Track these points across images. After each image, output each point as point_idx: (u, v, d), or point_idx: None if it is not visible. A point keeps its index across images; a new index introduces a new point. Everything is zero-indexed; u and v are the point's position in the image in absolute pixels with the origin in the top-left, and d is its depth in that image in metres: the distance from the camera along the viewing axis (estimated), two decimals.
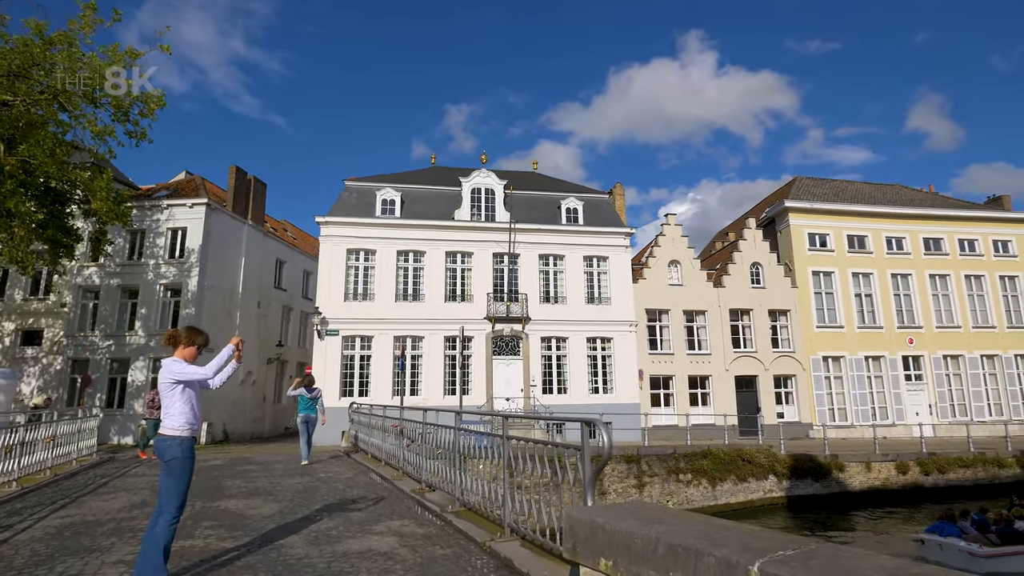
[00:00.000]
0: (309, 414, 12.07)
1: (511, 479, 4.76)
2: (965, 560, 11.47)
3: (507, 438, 4.90)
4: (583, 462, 3.64)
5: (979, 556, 11.47)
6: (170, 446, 3.95)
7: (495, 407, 22.97)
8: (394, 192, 24.45)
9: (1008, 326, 27.48)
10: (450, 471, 6.37)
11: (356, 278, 23.36)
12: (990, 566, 11.41)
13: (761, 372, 25.47)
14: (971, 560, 11.44)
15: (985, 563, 11.41)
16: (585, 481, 3.58)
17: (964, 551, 11.64)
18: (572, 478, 3.94)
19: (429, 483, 7.14)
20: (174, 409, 4.02)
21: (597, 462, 3.62)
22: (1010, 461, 19.85)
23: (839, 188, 30.38)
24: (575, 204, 25.75)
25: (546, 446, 4.31)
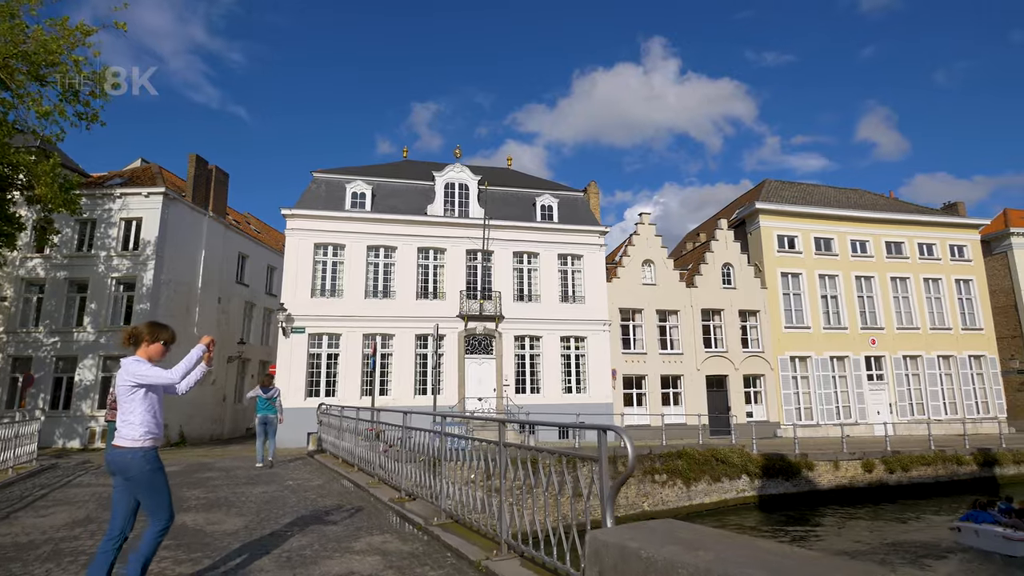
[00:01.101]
0: (267, 415, 11.47)
1: (508, 490, 4.33)
2: (1001, 544, 12.45)
3: (504, 445, 4.47)
4: (600, 474, 3.25)
5: (1015, 540, 12.36)
6: (132, 460, 3.42)
7: (467, 408, 22.48)
8: (365, 185, 23.66)
9: (962, 328, 28.45)
10: (434, 479, 5.90)
11: (324, 274, 22.51)
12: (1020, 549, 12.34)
13: (731, 372, 25.69)
14: (1007, 544, 12.39)
15: (1021, 546, 12.34)
16: (603, 497, 3.18)
17: (1000, 536, 12.53)
18: (586, 491, 3.54)
19: (409, 492, 6.64)
20: (134, 416, 3.49)
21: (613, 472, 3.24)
22: (968, 459, 20.44)
23: (806, 191, 30.95)
24: (550, 201, 25.45)
25: (553, 455, 3.89)
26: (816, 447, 20.62)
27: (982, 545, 12.82)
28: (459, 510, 5.24)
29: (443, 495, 5.50)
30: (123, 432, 3.46)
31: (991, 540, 12.67)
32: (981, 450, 20.79)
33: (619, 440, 3.15)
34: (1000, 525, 12.87)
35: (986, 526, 12.95)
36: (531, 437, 18.38)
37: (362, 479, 8.36)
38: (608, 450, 3.36)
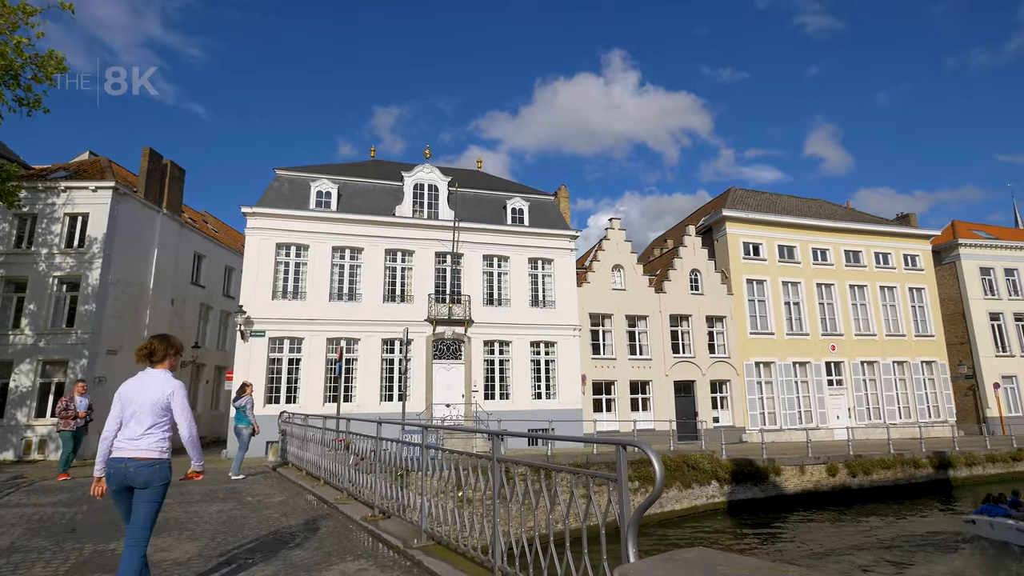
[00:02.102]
0: (236, 424, 10.81)
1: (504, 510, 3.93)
2: (1015, 535, 13.43)
3: (498, 460, 4.06)
4: (620, 496, 2.88)
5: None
6: (159, 472, 3.65)
7: (434, 414, 21.91)
8: (330, 184, 22.86)
9: (915, 334, 29.47)
10: (413, 495, 5.43)
11: (286, 275, 21.59)
12: None
13: (699, 377, 25.87)
14: (1020, 535, 13.36)
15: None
16: (624, 522, 2.82)
17: (1013, 528, 13.50)
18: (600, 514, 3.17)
19: (383, 509, 6.15)
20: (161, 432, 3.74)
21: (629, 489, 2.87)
22: (924, 462, 21.03)
23: (770, 200, 31.60)
24: (521, 205, 25.16)
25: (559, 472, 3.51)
26: (781, 452, 20.87)
27: (997, 536, 13.78)
28: (443, 531, 4.79)
29: (424, 513, 5.04)
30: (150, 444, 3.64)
31: (1005, 531, 13.65)
32: (936, 453, 21.44)
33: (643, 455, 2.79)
34: (1011, 518, 13.79)
35: (999, 519, 13.89)
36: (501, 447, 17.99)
37: (329, 494, 7.78)
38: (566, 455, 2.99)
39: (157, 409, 3.67)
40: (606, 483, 3.45)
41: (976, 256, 31.69)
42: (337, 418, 10.58)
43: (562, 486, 3.63)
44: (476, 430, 4.77)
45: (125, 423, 3.66)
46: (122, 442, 3.61)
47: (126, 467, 3.54)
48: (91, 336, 19.19)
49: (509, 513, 3.90)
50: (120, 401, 3.71)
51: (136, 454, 3.57)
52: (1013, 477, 22.11)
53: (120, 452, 3.59)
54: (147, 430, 3.63)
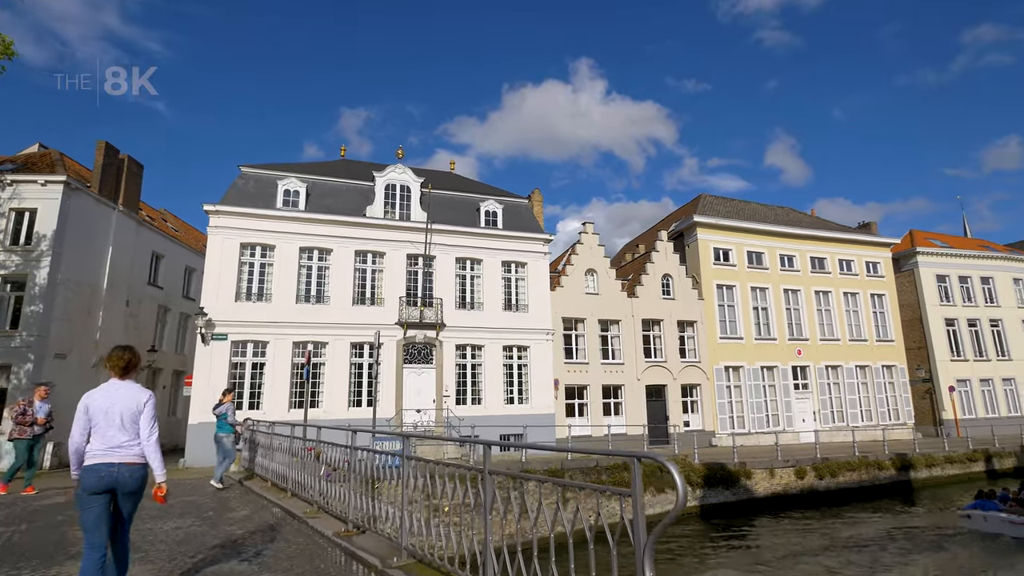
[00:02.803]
0: (217, 433, 10.45)
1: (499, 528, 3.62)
2: (1007, 527, 14.42)
3: (490, 473, 3.75)
4: (636, 515, 2.62)
5: (1018, 523, 14.33)
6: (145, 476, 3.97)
7: (404, 420, 21.39)
8: (299, 183, 22.15)
9: (876, 339, 30.31)
10: (390, 509, 5.07)
11: (250, 276, 20.78)
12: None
13: (670, 382, 25.99)
14: (1012, 527, 14.34)
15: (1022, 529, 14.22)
16: (640, 545, 2.55)
17: (1006, 520, 14.51)
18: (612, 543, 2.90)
19: (358, 524, 5.74)
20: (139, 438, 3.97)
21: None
22: (887, 464, 21.54)
23: (738, 207, 32.13)
24: (495, 207, 24.88)
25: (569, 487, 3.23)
26: (751, 455, 21.07)
27: (990, 529, 14.74)
28: (425, 547, 4.44)
29: (404, 529, 4.68)
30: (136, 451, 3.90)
31: (998, 524, 14.61)
32: (899, 455, 21.99)
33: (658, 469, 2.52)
34: (1003, 511, 14.81)
35: (992, 512, 14.87)
36: (473, 453, 17.60)
37: (298, 507, 7.31)
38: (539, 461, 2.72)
39: (137, 417, 3.93)
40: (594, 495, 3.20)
41: (933, 264, 32.86)
42: (305, 425, 10.07)
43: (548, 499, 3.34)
44: (466, 440, 4.44)
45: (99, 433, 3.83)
46: (107, 449, 3.81)
47: (119, 471, 3.77)
48: (37, 339, 18.05)
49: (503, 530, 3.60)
50: (89, 412, 3.86)
51: (128, 459, 3.83)
52: (970, 477, 22.89)
53: (110, 458, 3.79)
54: (132, 438, 3.88)
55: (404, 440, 4.99)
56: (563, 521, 3.31)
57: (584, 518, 3.21)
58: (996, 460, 23.80)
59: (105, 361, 4.16)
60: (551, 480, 3.37)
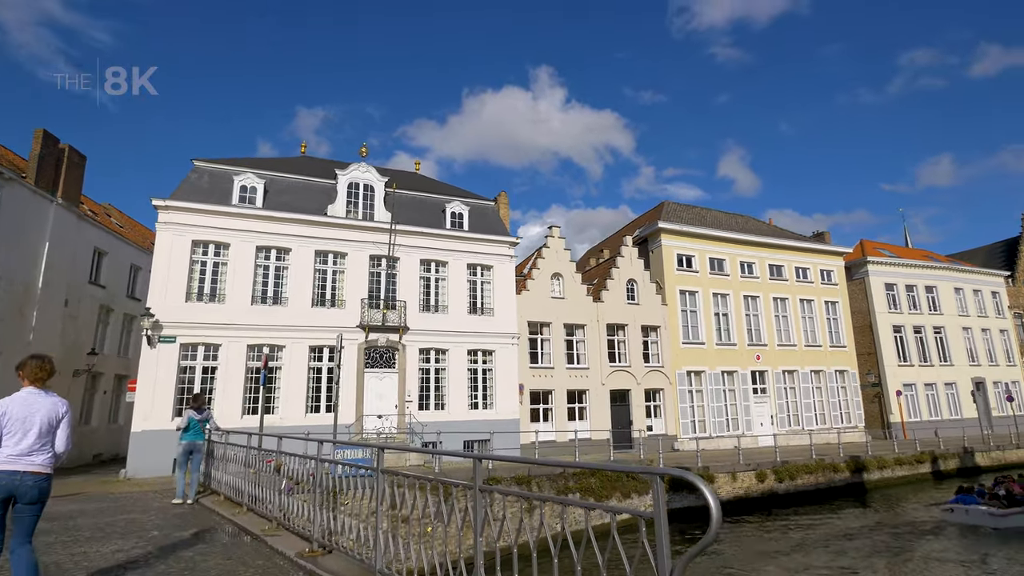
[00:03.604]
0: (196, 441, 9.61)
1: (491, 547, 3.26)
2: (988, 519, 15.71)
3: (481, 490, 3.39)
4: (659, 540, 2.32)
5: (997, 515, 15.66)
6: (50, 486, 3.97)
7: (365, 426, 20.68)
8: (256, 179, 21.20)
9: (830, 345, 31.27)
10: (362, 527, 4.63)
11: (202, 275, 19.71)
12: (1005, 522, 15.59)
13: (634, 386, 26.08)
14: (992, 519, 15.68)
15: (1002, 520, 15.61)
16: (663, 573, 2.25)
17: (986, 513, 15.79)
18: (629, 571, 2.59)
19: (324, 543, 5.26)
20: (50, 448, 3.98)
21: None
22: (842, 466, 22.10)
23: (700, 214, 32.69)
24: (461, 209, 24.47)
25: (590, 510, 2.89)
26: (712, 459, 21.26)
27: (972, 521, 16.03)
28: (404, 572, 4.04)
29: (379, 551, 4.25)
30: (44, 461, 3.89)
31: (979, 517, 15.95)
32: (852, 458, 22.61)
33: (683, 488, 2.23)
34: (982, 505, 16.10)
35: (973, 506, 16.19)
36: (437, 462, 17.07)
37: (255, 524, 6.73)
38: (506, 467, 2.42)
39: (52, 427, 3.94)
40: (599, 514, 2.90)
41: (882, 273, 34.22)
42: (261, 434, 9.44)
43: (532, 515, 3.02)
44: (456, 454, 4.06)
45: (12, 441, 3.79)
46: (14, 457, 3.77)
47: (21, 480, 3.75)
48: None
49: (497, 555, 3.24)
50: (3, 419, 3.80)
51: (31, 468, 3.80)
52: (918, 479, 23.77)
53: (14, 465, 3.76)
54: (42, 446, 3.87)
55: (378, 452, 4.56)
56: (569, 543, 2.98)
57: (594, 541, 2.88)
58: (941, 462, 24.81)
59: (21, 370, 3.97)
60: (553, 499, 3.04)
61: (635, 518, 2.65)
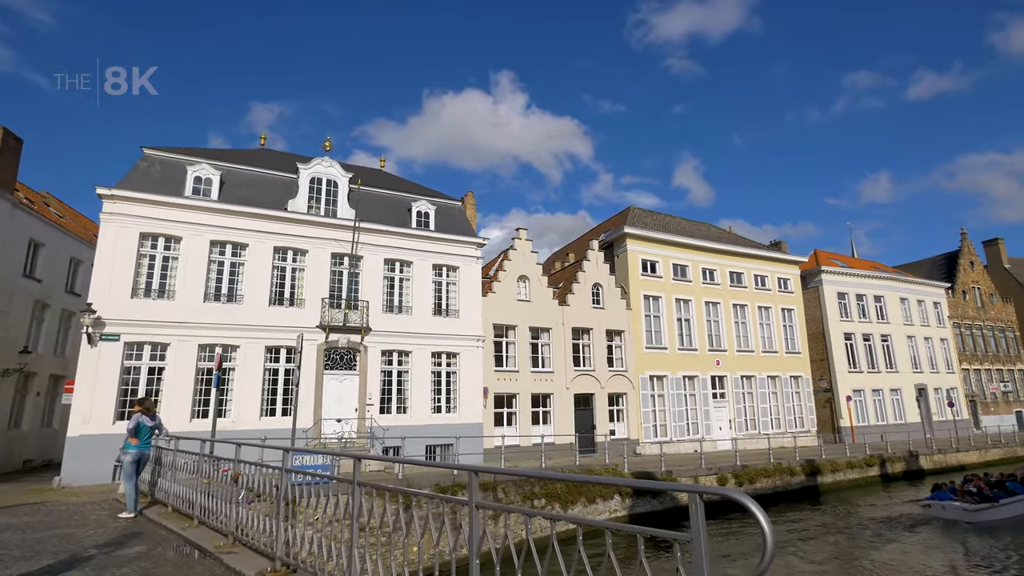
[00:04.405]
0: (145, 450, 8.74)
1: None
2: (963, 514, 17.08)
3: (478, 506, 3.07)
4: (696, 566, 2.04)
5: (971, 511, 17.09)
6: None
7: (323, 430, 19.91)
8: (212, 170, 20.17)
9: (786, 351, 32.15)
10: (334, 546, 4.21)
11: (151, 270, 18.58)
12: (978, 516, 17.03)
13: (598, 390, 26.09)
14: (967, 513, 17.05)
15: (975, 515, 17.03)
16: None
17: (961, 508, 17.21)
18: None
19: (288, 562, 4.80)
20: None
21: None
22: (798, 470, 22.63)
23: (664, 221, 33.12)
24: (427, 208, 23.96)
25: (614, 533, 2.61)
26: (675, 463, 21.40)
27: (949, 515, 17.38)
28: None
29: (354, 571, 3.85)
30: None
31: (955, 512, 17.30)
32: (808, 461, 23.17)
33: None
34: (956, 501, 17.52)
35: (949, 502, 17.57)
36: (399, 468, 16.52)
37: (207, 539, 6.17)
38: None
39: None
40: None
41: (834, 282, 35.46)
42: (214, 440, 8.80)
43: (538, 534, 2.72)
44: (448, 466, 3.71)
45: None
46: None
47: None
48: None
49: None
50: None
51: None
52: (867, 481, 24.57)
53: None
54: None
55: (355, 462, 4.16)
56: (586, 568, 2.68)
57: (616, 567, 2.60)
58: (889, 465, 25.75)
59: None
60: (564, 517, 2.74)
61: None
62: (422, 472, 17.32)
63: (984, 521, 17.04)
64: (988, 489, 18.18)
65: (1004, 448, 31.50)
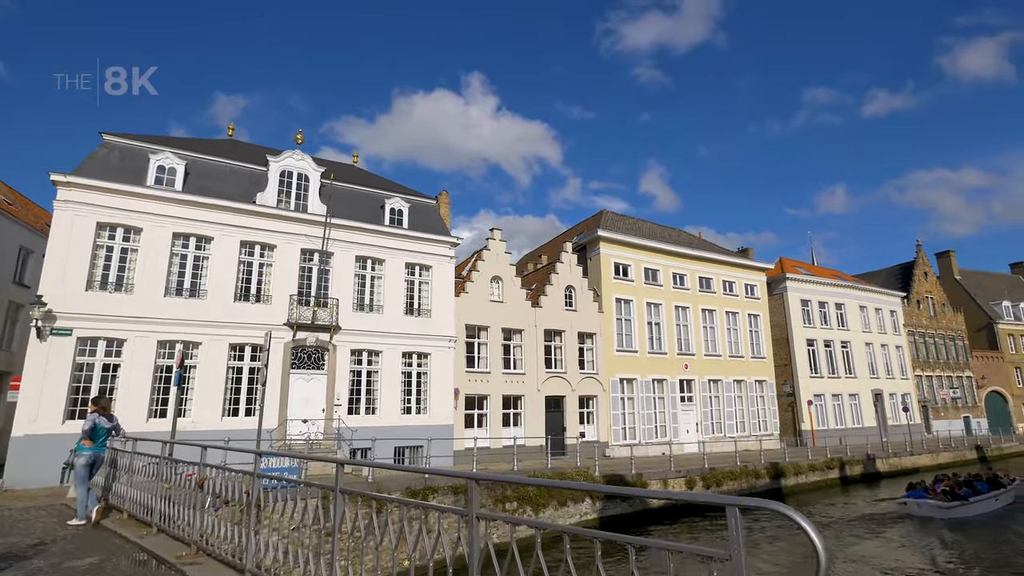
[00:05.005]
0: (100, 452, 8.14)
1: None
2: (937, 511, 18.08)
3: (477, 517, 2.88)
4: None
5: (944, 508, 18.13)
6: None
7: (289, 431, 19.33)
8: (176, 159, 19.37)
9: (752, 356, 32.79)
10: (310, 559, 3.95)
11: (108, 262, 17.72)
12: (950, 514, 18.07)
13: (569, 392, 26.09)
14: (940, 511, 18.08)
15: (948, 512, 18.07)
16: None
17: (934, 506, 18.22)
18: None
19: (258, 574, 4.51)
20: None
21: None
22: (763, 473, 23.06)
23: (636, 225, 33.41)
24: (401, 205, 23.56)
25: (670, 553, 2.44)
26: (644, 466, 21.51)
27: (924, 513, 18.31)
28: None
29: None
30: None
31: (929, 509, 18.26)
32: (772, 464, 23.64)
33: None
34: (931, 499, 18.50)
35: (924, 500, 18.55)
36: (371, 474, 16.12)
37: (168, 549, 5.78)
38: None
39: None
40: None
41: (798, 289, 36.37)
42: (175, 442, 8.34)
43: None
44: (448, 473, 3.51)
45: None
46: None
47: None
48: None
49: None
50: None
51: None
52: (827, 484, 25.19)
53: None
54: None
55: (337, 468, 3.91)
56: None
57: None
58: (848, 468, 26.47)
59: None
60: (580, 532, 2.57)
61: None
62: (390, 475, 16.94)
63: (956, 518, 18.06)
64: (958, 488, 19.25)
65: (954, 451, 32.82)
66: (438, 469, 3.97)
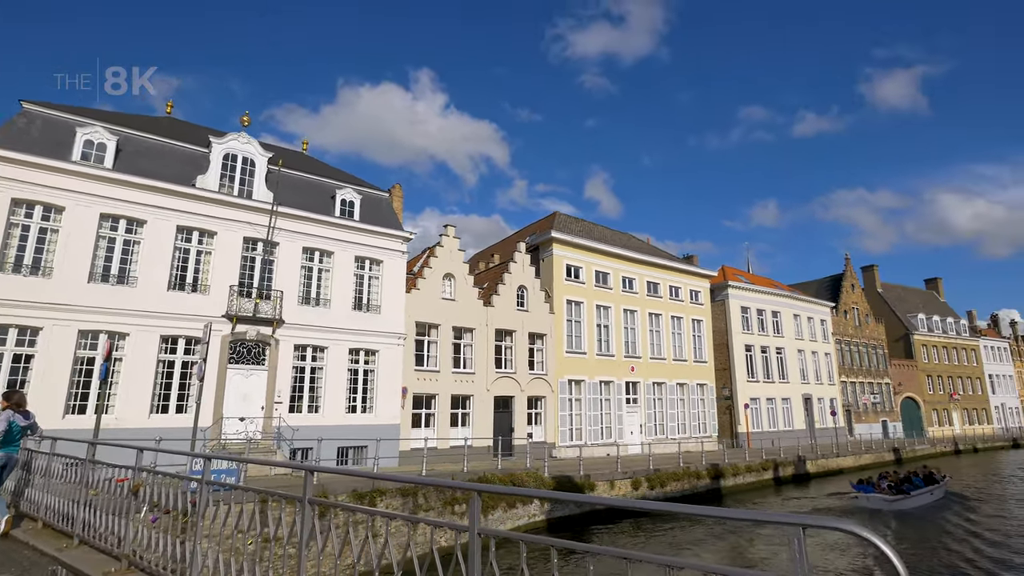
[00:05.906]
0: (13, 454, 7.11)
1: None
2: (884, 503, 20.20)
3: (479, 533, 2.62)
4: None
5: (889, 501, 20.25)
6: None
7: (224, 430, 18.24)
8: (107, 135, 17.89)
9: (694, 360, 33.78)
10: (234, 565, 3.54)
11: (23, 242, 16.15)
12: (896, 506, 20.16)
13: (518, 393, 25.98)
14: (887, 503, 20.18)
15: (893, 504, 20.18)
16: None
17: (881, 499, 20.37)
18: None
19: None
20: None
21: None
22: (704, 474, 23.71)
23: (588, 228, 33.73)
24: (352, 197, 22.74)
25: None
26: (591, 467, 21.62)
27: (873, 505, 20.30)
28: None
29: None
30: None
31: (877, 502, 20.35)
32: (713, 465, 24.35)
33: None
34: (879, 493, 20.79)
35: (872, 494, 20.79)
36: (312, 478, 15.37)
37: (93, 564, 5.14)
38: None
39: None
40: None
41: (739, 297, 37.78)
42: (100, 442, 7.57)
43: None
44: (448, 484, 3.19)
45: None
46: None
47: None
48: None
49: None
50: None
51: None
52: (762, 484, 26.20)
53: None
54: None
55: (305, 475, 3.51)
56: None
57: None
58: (781, 469, 27.66)
59: None
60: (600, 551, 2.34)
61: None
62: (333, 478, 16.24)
63: (900, 510, 20.22)
64: (899, 484, 21.80)
65: (874, 453, 34.99)
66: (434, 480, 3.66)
